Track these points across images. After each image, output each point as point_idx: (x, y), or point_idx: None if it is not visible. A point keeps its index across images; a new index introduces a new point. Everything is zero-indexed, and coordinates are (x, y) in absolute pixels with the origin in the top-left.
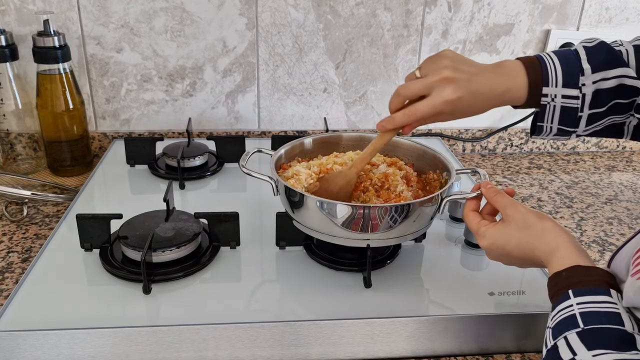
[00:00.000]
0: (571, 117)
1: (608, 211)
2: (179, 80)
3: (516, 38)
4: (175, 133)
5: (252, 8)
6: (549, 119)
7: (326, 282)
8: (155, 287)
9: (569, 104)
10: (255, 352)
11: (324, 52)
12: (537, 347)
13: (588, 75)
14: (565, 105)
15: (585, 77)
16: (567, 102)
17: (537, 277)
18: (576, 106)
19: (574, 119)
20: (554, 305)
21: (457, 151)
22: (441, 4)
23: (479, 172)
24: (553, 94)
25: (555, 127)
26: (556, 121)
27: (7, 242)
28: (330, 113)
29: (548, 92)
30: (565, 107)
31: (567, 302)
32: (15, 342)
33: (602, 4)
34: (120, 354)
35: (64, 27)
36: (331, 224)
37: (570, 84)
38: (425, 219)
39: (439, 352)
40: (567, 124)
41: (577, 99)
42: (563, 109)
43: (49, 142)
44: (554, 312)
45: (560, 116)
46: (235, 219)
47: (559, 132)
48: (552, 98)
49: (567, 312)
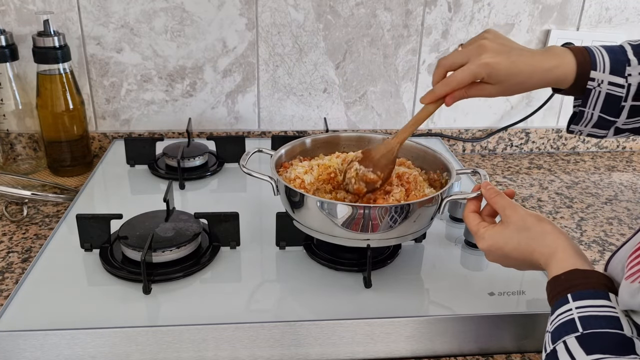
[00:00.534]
0: (614, 105)
1: (608, 211)
2: (179, 80)
3: (516, 38)
4: (175, 133)
5: (252, 8)
6: (592, 105)
7: (326, 282)
8: (155, 287)
9: (614, 91)
10: (255, 352)
11: (324, 52)
12: (537, 347)
13: (635, 66)
14: (611, 92)
15: (632, 68)
16: (613, 90)
17: (537, 277)
18: (621, 95)
19: (617, 108)
20: (553, 309)
21: (457, 151)
22: (441, 4)
23: (479, 173)
24: (600, 79)
25: (596, 114)
26: (599, 108)
27: (7, 242)
28: (330, 113)
29: (595, 77)
30: (610, 94)
31: (566, 306)
32: (16, 342)
33: (602, 4)
34: (120, 354)
35: (64, 27)
36: (331, 224)
37: (617, 71)
38: (426, 220)
39: (439, 352)
40: (610, 112)
41: (622, 88)
42: (608, 95)
43: (49, 142)
44: (553, 316)
45: (603, 103)
46: (235, 219)
47: (599, 121)
48: (598, 83)
49: (566, 316)
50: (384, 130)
